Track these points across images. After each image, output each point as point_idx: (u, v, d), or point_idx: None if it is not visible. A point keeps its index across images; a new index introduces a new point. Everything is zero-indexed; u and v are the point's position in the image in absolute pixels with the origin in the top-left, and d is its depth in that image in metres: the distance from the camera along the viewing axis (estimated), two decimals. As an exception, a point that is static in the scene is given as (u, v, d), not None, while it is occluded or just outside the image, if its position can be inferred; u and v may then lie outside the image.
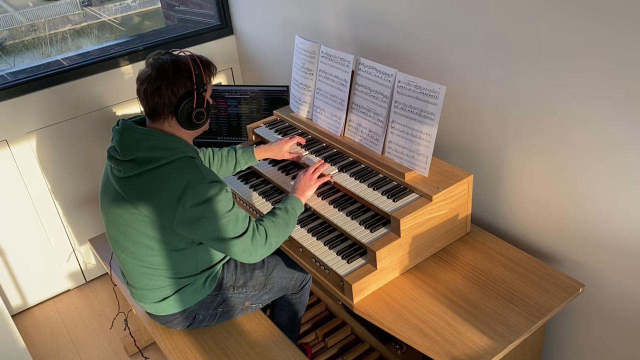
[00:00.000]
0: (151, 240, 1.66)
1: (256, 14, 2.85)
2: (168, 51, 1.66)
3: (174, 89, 1.60)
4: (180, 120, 1.63)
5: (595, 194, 1.65)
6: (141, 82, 1.62)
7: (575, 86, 1.57)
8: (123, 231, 1.69)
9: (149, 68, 1.61)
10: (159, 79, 1.59)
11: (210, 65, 1.70)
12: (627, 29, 1.39)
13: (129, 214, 1.64)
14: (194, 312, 1.84)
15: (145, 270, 1.73)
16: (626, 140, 1.51)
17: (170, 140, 1.63)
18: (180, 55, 1.64)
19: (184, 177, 1.58)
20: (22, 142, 2.63)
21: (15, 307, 2.89)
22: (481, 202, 2.05)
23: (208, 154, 2.03)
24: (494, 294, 1.67)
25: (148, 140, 1.60)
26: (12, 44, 6.36)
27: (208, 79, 1.68)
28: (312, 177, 1.90)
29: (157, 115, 1.64)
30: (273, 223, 1.72)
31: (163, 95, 1.59)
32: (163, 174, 1.59)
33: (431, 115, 1.74)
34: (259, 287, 1.93)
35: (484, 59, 1.80)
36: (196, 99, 1.63)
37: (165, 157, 1.60)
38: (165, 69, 1.59)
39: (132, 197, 1.61)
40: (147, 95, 1.60)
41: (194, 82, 1.61)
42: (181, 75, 1.60)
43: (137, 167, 1.60)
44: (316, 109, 2.18)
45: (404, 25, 2.04)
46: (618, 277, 1.70)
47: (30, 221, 2.77)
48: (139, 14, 6.95)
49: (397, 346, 2.18)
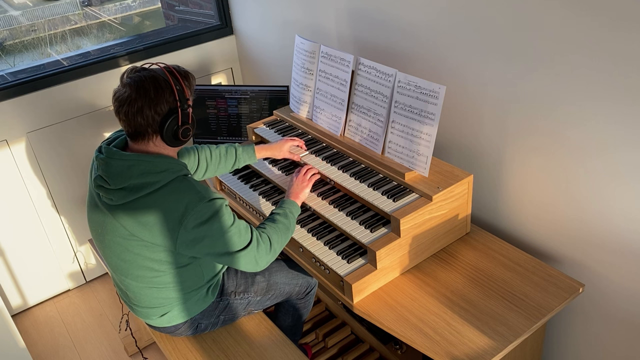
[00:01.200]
0: (155, 263, 1.63)
1: (256, 14, 2.85)
2: (143, 66, 1.57)
3: (157, 109, 1.51)
4: (166, 139, 1.56)
5: (595, 193, 1.65)
6: (120, 103, 1.53)
7: (575, 86, 1.57)
8: (124, 258, 1.64)
9: (127, 88, 1.52)
10: (139, 99, 1.50)
11: (189, 76, 1.61)
12: (627, 27, 1.39)
13: (129, 241, 1.60)
14: (197, 321, 1.83)
15: (152, 291, 1.71)
16: (626, 139, 1.51)
17: (160, 162, 1.55)
18: (156, 69, 1.55)
19: (182, 199, 1.53)
20: (22, 142, 2.63)
21: (15, 307, 2.89)
22: (481, 202, 2.05)
23: (205, 152, 2.00)
24: (494, 294, 1.67)
25: (138, 166, 1.53)
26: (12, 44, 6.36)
27: (190, 92, 1.60)
28: (304, 178, 1.91)
29: (141, 135, 1.56)
30: (275, 229, 1.71)
31: (146, 116, 1.51)
32: (159, 199, 1.54)
33: (431, 115, 1.74)
34: (261, 292, 1.91)
35: (484, 59, 1.80)
36: (181, 116, 1.55)
37: (159, 180, 1.54)
38: (146, 88, 1.50)
39: (130, 224, 1.56)
40: (129, 117, 1.52)
41: (176, 98, 1.53)
42: (163, 93, 1.51)
43: (130, 194, 1.53)
44: (316, 109, 2.18)
45: (404, 25, 2.04)
46: (618, 277, 1.70)
47: (30, 221, 2.76)
48: (139, 14, 6.95)
49: (397, 346, 2.18)
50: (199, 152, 1.99)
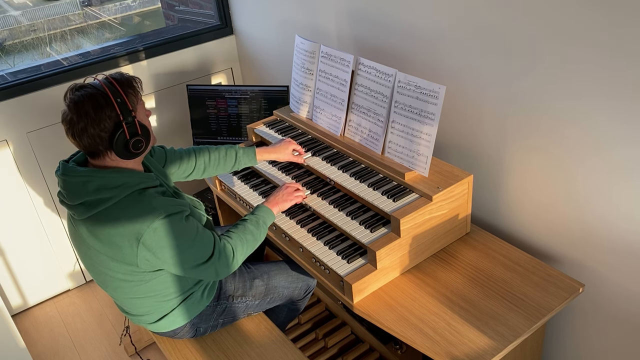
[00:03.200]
0: (126, 276, 1.61)
1: (256, 14, 2.85)
2: (82, 84, 1.52)
3: (100, 126, 1.47)
4: (119, 153, 1.52)
5: (595, 193, 1.65)
6: (66, 125, 1.50)
7: (574, 84, 1.57)
8: (98, 271, 1.65)
9: (68, 110, 1.49)
10: (81, 120, 1.46)
11: (132, 82, 1.55)
12: (624, 24, 1.39)
13: (95, 255, 1.60)
14: (196, 325, 1.83)
15: (136, 300, 1.70)
16: (626, 137, 1.51)
17: (115, 177, 1.52)
18: (95, 84, 1.51)
19: (137, 215, 1.51)
20: (22, 142, 2.63)
21: (15, 307, 2.89)
22: (481, 202, 2.05)
23: (203, 156, 1.98)
24: (494, 294, 1.67)
25: (93, 182, 1.51)
26: (12, 44, 6.36)
27: (135, 100, 1.54)
28: (292, 193, 1.88)
29: (95, 154, 1.54)
30: (241, 240, 1.70)
31: (92, 135, 1.48)
32: (115, 214, 1.51)
33: (431, 115, 1.74)
34: (259, 296, 1.90)
35: (484, 59, 1.80)
36: (127, 129, 1.50)
37: (114, 196, 1.51)
38: (85, 109, 1.46)
39: (92, 240, 1.56)
40: (77, 138, 1.50)
41: (118, 112, 1.48)
42: (102, 110, 1.47)
43: (89, 210, 1.52)
44: (316, 109, 2.18)
45: (404, 25, 2.04)
46: (618, 277, 1.70)
47: (30, 221, 2.76)
48: (139, 14, 6.95)
49: (397, 346, 2.18)
50: (196, 154, 1.98)
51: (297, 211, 1.95)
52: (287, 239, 1.89)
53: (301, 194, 1.90)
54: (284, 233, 1.89)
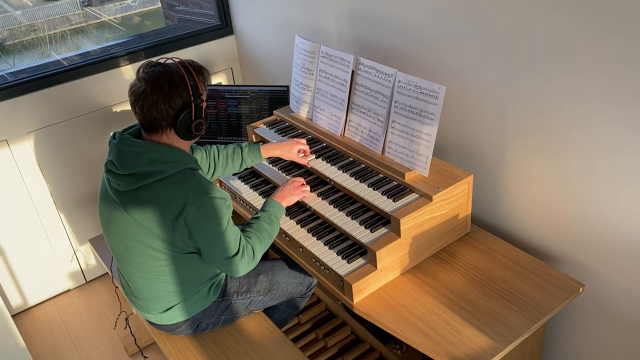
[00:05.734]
0: (155, 252, 1.65)
1: (256, 14, 2.85)
2: (158, 61, 1.61)
3: (171, 103, 1.55)
4: (179, 132, 1.60)
5: (595, 193, 1.65)
6: (135, 97, 1.57)
7: (576, 86, 1.57)
8: (127, 244, 1.67)
9: (142, 82, 1.56)
10: (154, 93, 1.54)
11: (203, 71, 1.65)
12: (628, 28, 1.39)
13: (132, 226, 1.62)
14: (198, 320, 1.84)
15: (153, 282, 1.72)
16: (626, 140, 1.51)
17: (170, 152, 1.60)
18: (171, 64, 1.59)
19: (184, 190, 1.57)
20: (22, 142, 2.63)
21: (15, 307, 2.89)
22: (481, 202, 2.05)
23: (213, 152, 2.01)
24: (494, 294, 1.67)
25: (148, 154, 1.57)
26: (12, 44, 6.36)
27: (203, 87, 1.64)
28: (298, 187, 1.90)
29: (155, 128, 1.60)
30: (259, 239, 1.73)
31: (160, 110, 1.56)
32: (164, 187, 1.57)
33: (431, 115, 1.74)
34: (263, 292, 1.92)
35: (484, 59, 1.80)
36: (194, 110, 1.59)
37: (166, 170, 1.57)
38: (160, 83, 1.54)
39: (134, 210, 1.60)
40: (144, 110, 1.56)
41: (190, 93, 1.57)
42: (177, 88, 1.55)
43: (138, 181, 1.57)
44: (316, 109, 2.18)
45: (404, 25, 2.04)
46: (618, 277, 1.70)
47: (30, 221, 2.76)
48: (139, 14, 6.95)
49: (397, 346, 2.18)
50: (207, 152, 2.00)
51: (297, 211, 1.95)
52: (287, 239, 1.89)
53: (307, 188, 1.93)
54: (284, 233, 1.89)
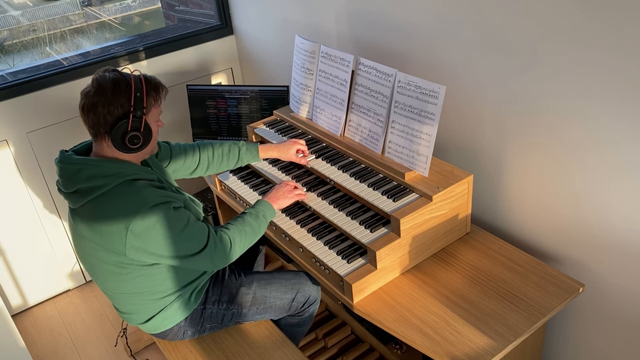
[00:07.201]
0: (115, 267, 1.63)
1: (256, 14, 2.85)
2: (116, 68, 1.60)
3: (110, 109, 1.53)
4: (114, 142, 1.56)
5: (595, 193, 1.65)
6: (82, 97, 1.57)
7: (573, 83, 1.57)
8: (89, 262, 1.67)
9: (90, 84, 1.56)
10: (96, 96, 1.53)
11: (159, 87, 1.62)
12: (624, 22, 1.39)
13: (87, 243, 1.61)
14: (183, 329, 1.82)
15: (125, 296, 1.71)
16: (626, 137, 1.51)
17: (109, 166, 1.57)
18: (126, 73, 1.58)
19: (127, 203, 1.54)
20: (22, 142, 2.63)
21: (15, 307, 2.89)
22: (481, 202, 2.05)
23: (207, 152, 2.00)
24: (494, 294, 1.67)
25: (86, 170, 1.55)
26: (11, 44, 6.36)
27: (152, 102, 1.60)
28: (292, 190, 1.89)
29: (96, 135, 1.58)
30: (240, 232, 1.71)
31: (99, 114, 1.53)
32: (107, 202, 1.55)
33: (431, 115, 1.74)
34: (246, 305, 1.86)
35: (483, 59, 1.80)
36: (131, 122, 1.55)
37: (106, 184, 1.55)
38: (105, 88, 1.53)
39: (84, 227, 1.59)
40: (84, 112, 1.56)
41: (131, 104, 1.54)
42: (119, 95, 1.53)
43: (82, 198, 1.56)
44: (316, 109, 2.18)
45: (404, 25, 2.04)
46: (618, 277, 1.70)
47: (30, 221, 2.76)
48: (139, 14, 6.95)
49: (397, 346, 2.18)
50: (200, 150, 1.99)
51: (297, 211, 1.95)
52: (287, 239, 1.89)
53: (300, 191, 1.91)
54: (284, 233, 1.89)
